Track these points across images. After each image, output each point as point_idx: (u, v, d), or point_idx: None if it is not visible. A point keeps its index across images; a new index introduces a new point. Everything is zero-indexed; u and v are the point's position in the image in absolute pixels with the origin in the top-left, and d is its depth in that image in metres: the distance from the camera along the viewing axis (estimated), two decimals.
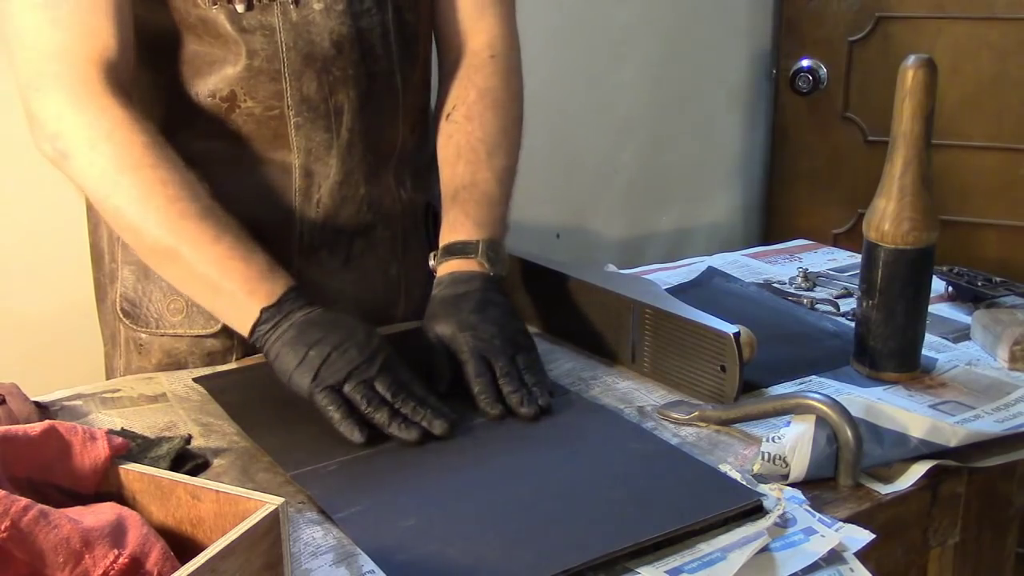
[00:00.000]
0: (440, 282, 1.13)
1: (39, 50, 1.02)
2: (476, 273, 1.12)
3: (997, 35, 2.00)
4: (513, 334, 1.08)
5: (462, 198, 1.17)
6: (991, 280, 1.34)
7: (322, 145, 1.15)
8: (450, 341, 1.06)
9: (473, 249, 1.13)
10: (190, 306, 1.16)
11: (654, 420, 1.03)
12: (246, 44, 1.09)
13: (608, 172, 2.09)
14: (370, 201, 1.21)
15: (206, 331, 1.17)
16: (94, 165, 1.01)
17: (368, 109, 1.17)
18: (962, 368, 1.15)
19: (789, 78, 2.19)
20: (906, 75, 1.05)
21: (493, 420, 1.00)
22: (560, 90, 1.96)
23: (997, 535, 1.07)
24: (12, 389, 0.99)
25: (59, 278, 1.48)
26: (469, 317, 1.07)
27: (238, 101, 1.12)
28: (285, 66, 1.11)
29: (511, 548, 0.79)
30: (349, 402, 0.97)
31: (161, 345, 1.18)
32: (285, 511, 0.68)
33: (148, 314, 1.18)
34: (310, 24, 1.11)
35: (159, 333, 1.18)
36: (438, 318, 1.08)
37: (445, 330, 1.07)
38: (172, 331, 1.17)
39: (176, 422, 1.03)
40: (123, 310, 1.18)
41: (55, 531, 0.64)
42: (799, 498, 0.87)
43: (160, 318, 1.18)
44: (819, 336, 1.26)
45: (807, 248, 1.64)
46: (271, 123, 1.13)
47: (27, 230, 1.49)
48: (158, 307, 1.17)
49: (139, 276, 1.18)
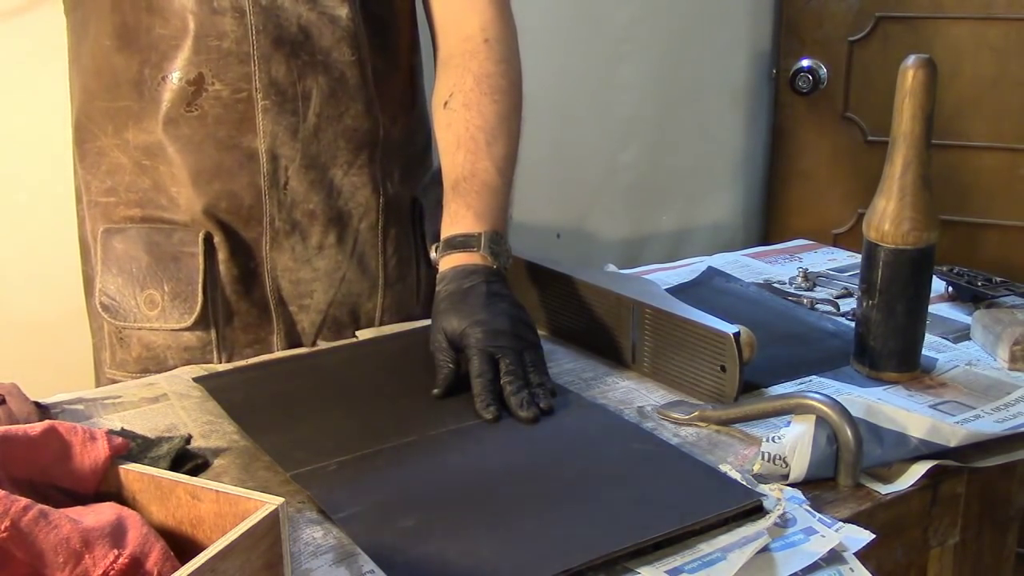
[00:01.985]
0: (444, 277, 1.13)
1: None
2: (480, 267, 1.12)
3: (997, 35, 2.00)
4: (522, 329, 1.08)
5: (462, 189, 1.16)
6: (991, 280, 1.34)
7: (288, 129, 1.16)
8: (459, 337, 1.06)
9: (476, 242, 1.13)
10: (165, 300, 1.18)
11: (654, 420, 1.03)
12: (215, 25, 1.11)
13: (608, 172, 2.09)
14: (343, 189, 1.21)
15: (180, 325, 1.18)
16: None
17: (338, 96, 1.18)
18: (962, 368, 1.15)
19: (789, 78, 2.19)
20: (906, 75, 1.05)
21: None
22: (560, 90, 1.96)
23: (997, 535, 1.07)
24: (12, 389, 0.99)
25: (58, 281, 1.48)
26: (478, 312, 1.06)
27: (205, 84, 1.13)
28: (255, 48, 1.12)
29: (511, 548, 0.79)
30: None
31: (140, 339, 1.20)
32: (285, 511, 0.68)
33: (127, 309, 1.19)
34: (279, 9, 1.13)
35: (136, 327, 1.19)
36: (447, 314, 1.08)
37: (454, 325, 1.06)
38: (148, 325, 1.19)
39: (176, 422, 1.03)
40: (103, 304, 1.20)
41: (55, 531, 0.64)
42: (799, 498, 0.87)
43: (137, 311, 1.19)
44: (819, 336, 1.26)
45: (807, 248, 1.64)
46: (238, 107, 1.14)
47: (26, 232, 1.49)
48: (134, 302, 1.19)
49: (117, 271, 1.19)
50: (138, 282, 1.18)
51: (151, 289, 1.18)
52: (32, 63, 1.42)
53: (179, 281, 1.18)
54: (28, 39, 1.41)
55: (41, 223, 1.47)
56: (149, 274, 1.18)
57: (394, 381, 1.10)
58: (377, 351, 1.21)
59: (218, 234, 1.18)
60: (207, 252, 1.18)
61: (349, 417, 1.03)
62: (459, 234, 1.14)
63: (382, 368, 1.14)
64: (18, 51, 1.42)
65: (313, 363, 1.18)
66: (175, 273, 1.18)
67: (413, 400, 1.05)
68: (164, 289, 1.18)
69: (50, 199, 1.43)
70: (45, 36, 1.33)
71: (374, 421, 1.02)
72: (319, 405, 1.06)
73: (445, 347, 1.07)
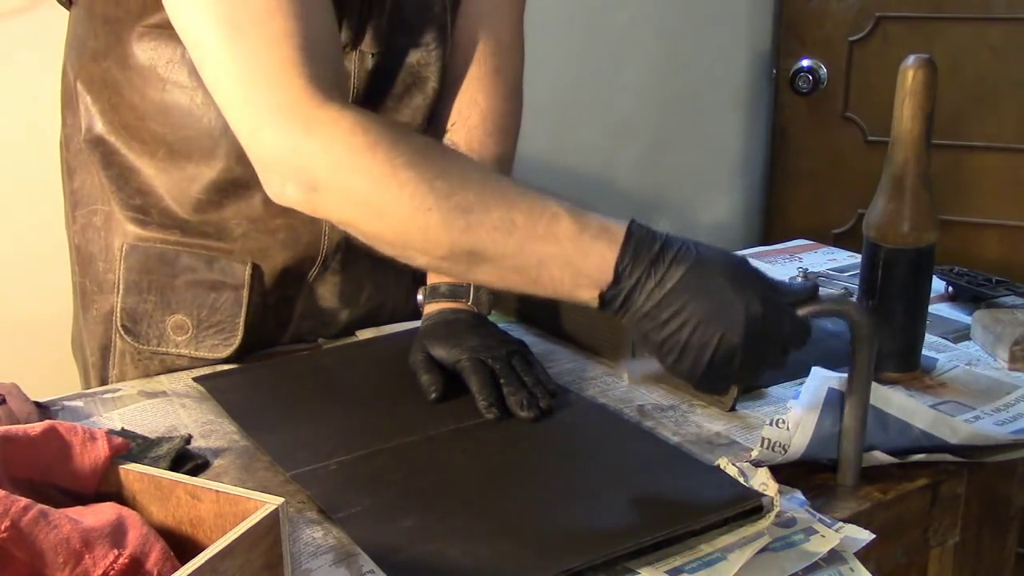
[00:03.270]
0: (429, 316, 1.14)
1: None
2: (466, 311, 1.14)
3: (997, 35, 2.00)
4: (509, 342, 1.09)
5: None
6: (991, 280, 1.34)
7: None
8: (445, 357, 1.07)
9: (464, 293, 1.14)
10: (199, 328, 1.14)
11: (654, 420, 1.03)
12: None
13: (608, 172, 2.09)
14: None
15: (214, 355, 1.15)
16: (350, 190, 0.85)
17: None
18: (962, 368, 1.15)
19: (789, 78, 2.20)
20: (906, 75, 1.05)
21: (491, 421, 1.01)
22: (560, 90, 1.96)
23: (997, 535, 1.07)
24: (12, 389, 0.99)
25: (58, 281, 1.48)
26: (464, 336, 1.08)
27: None
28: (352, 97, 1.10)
29: (511, 548, 0.79)
30: None
31: (162, 361, 1.15)
32: (285, 511, 0.68)
33: (149, 333, 1.14)
34: (383, 63, 1.11)
35: (162, 351, 1.15)
36: (431, 338, 1.09)
37: (440, 351, 1.07)
38: (176, 351, 1.15)
39: (176, 422, 1.03)
40: (124, 326, 1.14)
41: (55, 531, 0.64)
42: (799, 498, 0.87)
43: (162, 336, 1.14)
44: (819, 336, 1.25)
45: (807, 248, 1.64)
46: None
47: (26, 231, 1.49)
48: (162, 326, 1.14)
49: (141, 290, 1.14)
50: (168, 307, 1.14)
51: (180, 314, 1.13)
52: (32, 63, 1.42)
53: (214, 311, 1.14)
54: (28, 39, 1.41)
55: (42, 223, 1.47)
56: (177, 299, 1.14)
57: (394, 381, 1.10)
58: (377, 351, 1.21)
59: (266, 266, 1.15)
60: (251, 285, 1.15)
61: (349, 417, 1.03)
62: (448, 282, 1.15)
63: (382, 368, 1.14)
64: (18, 51, 1.43)
65: (313, 363, 1.18)
66: (211, 302, 1.14)
67: (413, 400, 1.05)
68: (197, 316, 1.14)
69: (51, 199, 1.42)
70: (45, 36, 1.32)
71: (374, 421, 1.02)
72: (319, 405, 1.06)
73: (424, 361, 1.07)
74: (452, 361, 1.06)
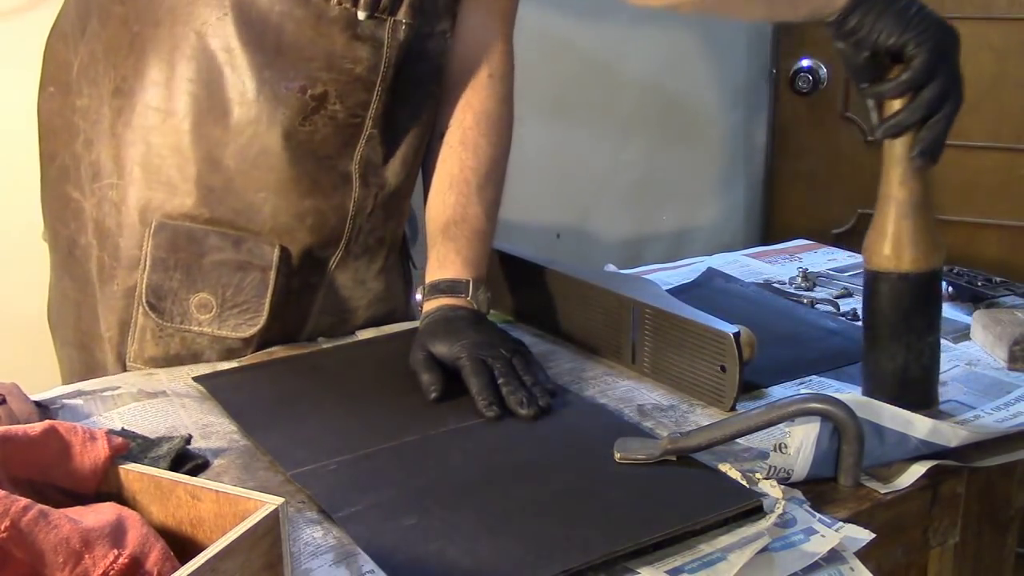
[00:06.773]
0: (428, 314, 1.15)
1: None
2: (465, 308, 1.14)
3: (997, 35, 2.00)
4: (509, 341, 1.10)
5: (452, 234, 1.19)
6: (991, 280, 1.34)
7: (382, 158, 1.19)
8: (445, 354, 1.07)
9: (464, 288, 1.15)
10: (223, 307, 1.16)
11: (654, 420, 1.03)
12: (352, 50, 1.12)
13: (608, 172, 2.09)
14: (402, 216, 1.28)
15: (237, 335, 1.17)
16: None
17: (424, 130, 1.22)
18: (962, 368, 1.15)
19: (789, 78, 2.19)
20: None
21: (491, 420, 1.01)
22: (561, 90, 1.96)
23: (997, 535, 1.07)
24: (12, 389, 0.99)
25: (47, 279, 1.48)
26: (463, 333, 1.09)
27: (327, 102, 1.13)
28: (381, 80, 1.14)
29: (511, 548, 0.79)
30: None
31: (183, 339, 1.17)
32: (285, 511, 0.68)
33: (173, 310, 1.15)
34: (411, 47, 1.15)
35: (184, 329, 1.16)
36: (431, 336, 1.10)
37: (440, 347, 1.08)
38: (198, 328, 1.16)
39: (176, 422, 1.03)
40: (148, 302, 1.15)
41: (55, 531, 0.64)
42: (799, 498, 0.87)
43: (186, 313, 1.16)
44: (819, 335, 1.26)
45: (807, 248, 1.64)
46: (348, 130, 1.15)
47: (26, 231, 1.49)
48: (186, 304, 1.16)
49: (168, 267, 1.14)
50: (194, 285, 1.15)
51: (204, 293, 1.15)
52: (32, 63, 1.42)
53: (240, 291, 1.16)
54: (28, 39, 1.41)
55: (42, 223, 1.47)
56: (203, 278, 1.15)
57: (394, 381, 1.10)
58: (377, 351, 1.21)
59: (294, 248, 1.17)
60: (278, 267, 1.16)
61: (349, 416, 1.03)
62: (447, 279, 1.16)
63: (382, 368, 1.15)
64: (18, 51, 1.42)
65: (313, 363, 1.18)
66: (237, 282, 1.15)
67: (413, 399, 1.05)
68: (222, 295, 1.15)
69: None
70: (45, 36, 1.32)
71: (374, 420, 1.02)
72: (319, 405, 1.06)
73: (425, 360, 1.07)
74: (452, 357, 1.06)
